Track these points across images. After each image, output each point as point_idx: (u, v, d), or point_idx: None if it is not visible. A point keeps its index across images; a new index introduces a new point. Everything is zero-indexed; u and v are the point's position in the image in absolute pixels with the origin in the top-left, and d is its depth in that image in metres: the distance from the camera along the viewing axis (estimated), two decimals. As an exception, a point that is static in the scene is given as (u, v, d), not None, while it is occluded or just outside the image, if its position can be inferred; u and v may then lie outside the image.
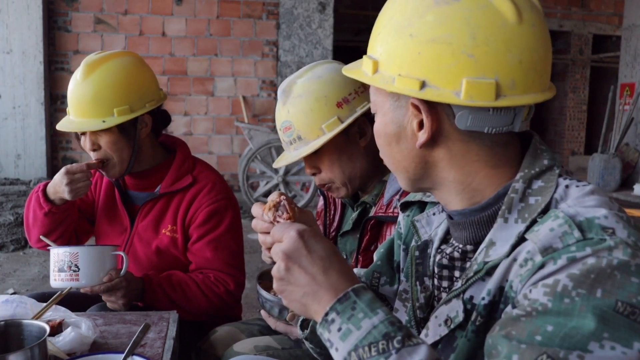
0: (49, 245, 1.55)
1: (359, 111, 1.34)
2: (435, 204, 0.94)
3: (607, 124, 8.39)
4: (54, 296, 1.26)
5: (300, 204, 6.05)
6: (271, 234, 0.79)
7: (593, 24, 11.14)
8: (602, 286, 0.61)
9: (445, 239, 0.88)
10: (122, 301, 1.45)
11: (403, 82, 0.74)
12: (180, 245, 1.65)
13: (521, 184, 0.75)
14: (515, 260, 0.70)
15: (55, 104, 6.52)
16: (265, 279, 1.36)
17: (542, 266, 0.65)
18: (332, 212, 1.58)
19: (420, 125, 0.77)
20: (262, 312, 1.28)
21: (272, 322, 1.28)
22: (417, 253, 0.90)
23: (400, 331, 0.67)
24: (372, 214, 1.39)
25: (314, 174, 1.42)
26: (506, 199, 0.75)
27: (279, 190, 5.73)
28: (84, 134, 1.60)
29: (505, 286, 0.71)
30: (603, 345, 0.59)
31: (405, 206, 1.00)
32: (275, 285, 0.77)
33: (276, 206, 0.87)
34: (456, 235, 0.83)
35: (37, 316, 1.19)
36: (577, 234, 0.65)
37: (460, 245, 0.82)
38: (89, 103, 1.54)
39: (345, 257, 1.48)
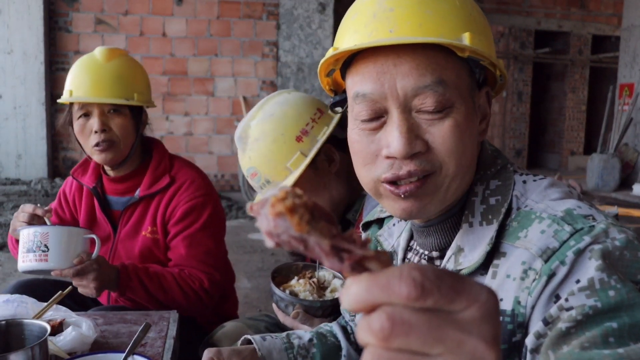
0: None
1: (321, 140, 1.30)
2: (391, 217, 0.93)
3: (606, 124, 8.39)
4: (55, 296, 1.27)
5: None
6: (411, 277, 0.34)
7: (592, 24, 11.14)
8: (620, 268, 0.61)
9: (408, 247, 0.86)
10: (94, 284, 1.39)
11: (500, 62, 0.75)
12: (162, 245, 1.65)
13: (479, 187, 0.75)
14: (508, 276, 0.66)
15: (56, 104, 6.52)
16: (279, 275, 1.38)
17: (553, 274, 0.63)
18: None
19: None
20: (274, 305, 1.32)
21: (281, 316, 1.30)
22: None
23: None
24: None
25: None
26: (468, 203, 0.75)
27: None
28: (87, 115, 1.59)
29: (508, 304, 0.66)
30: None
31: (365, 227, 0.99)
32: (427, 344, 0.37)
33: (294, 209, 0.36)
34: (420, 242, 0.82)
35: (38, 316, 1.19)
36: (567, 228, 0.65)
37: (426, 252, 0.81)
38: (112, 83, 1.60)
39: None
